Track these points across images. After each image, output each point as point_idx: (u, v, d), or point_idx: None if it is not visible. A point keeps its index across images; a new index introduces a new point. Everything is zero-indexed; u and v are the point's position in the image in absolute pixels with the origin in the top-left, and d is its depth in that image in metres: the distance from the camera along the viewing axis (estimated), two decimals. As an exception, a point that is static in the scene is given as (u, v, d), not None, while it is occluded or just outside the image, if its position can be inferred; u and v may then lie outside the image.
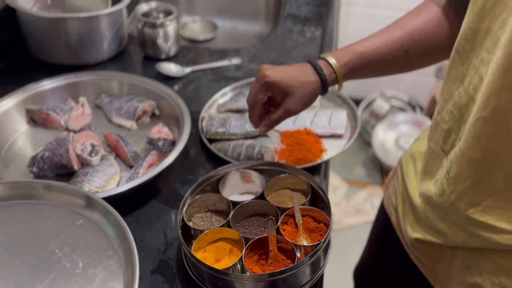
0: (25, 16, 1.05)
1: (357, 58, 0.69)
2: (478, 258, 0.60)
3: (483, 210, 0.55)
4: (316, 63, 0.69)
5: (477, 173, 0.54)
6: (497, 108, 0.49)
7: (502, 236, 0.55)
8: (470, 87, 0.54)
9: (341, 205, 2.05)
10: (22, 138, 0.89)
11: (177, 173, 0.84)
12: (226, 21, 1.75)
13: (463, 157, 0.55)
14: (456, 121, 0.57)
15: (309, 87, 0.68)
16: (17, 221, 0.56)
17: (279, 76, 0.67)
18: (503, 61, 0.47)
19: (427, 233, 0.67)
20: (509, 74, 0.47)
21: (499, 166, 0.52)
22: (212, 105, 0.99)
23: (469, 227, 0.58)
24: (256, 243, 0.65)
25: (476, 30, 0.53)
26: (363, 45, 0.69)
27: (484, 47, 0.51)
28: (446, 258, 0.66)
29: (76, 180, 0.77)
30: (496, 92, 0.48)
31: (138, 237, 0.73)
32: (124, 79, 0.98)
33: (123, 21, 1.13)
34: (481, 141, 0.52)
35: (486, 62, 0.51)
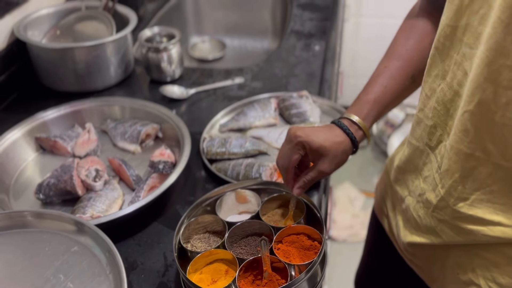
0: (34, 48, 1.09)
1: (373, 106, 0.71)
2: (470, 255, 0.60)
3: (472, 203, 0.56)
4: (341, 123, 0.70)
5: (464, 167, 0.55)
6: (482, 101, 0.50)
7: (491, 228, 0.55)
8: (454, 82, 0.55)
9: (359, 217, 2.03)
10: (31, 165, 0.93)
11: (179, 195, 0.86)
12: (234, 40, 1.78)
13: (452, 151, 0.56)
14: (442, 116, 0.59)
15: (340, 147, 0.69)
16: (15, 250, 0.58)
17: (310, 136, 0.67)
18: (486, 54, 0.48)
19: (417, 235, 0.68)
20: (492, 67, 0.48)
21: (486, 159, 0.53)
22: (214, 126, 1.01)
23: (457, 222, 0.59)
24: (251, 264, 0.66)
25: (454, 27, 0.55)
26: (372, 92, 0.71)
27: (465, 42, 0.53)
28: (439, 259, 0.66)
29: (80, 205, 0.80)
30: (480, 86, 0.50)
31: (139, 259, 0.75)
32: (126, 104, 1.00)
33: (128, 47, 1.17)
34: (467, 134, 0.53)
35: (469, 57, 0.52)
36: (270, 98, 1.04)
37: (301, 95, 1.02)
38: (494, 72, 0.48)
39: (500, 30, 0.46)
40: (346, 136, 0.69)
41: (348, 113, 0.71)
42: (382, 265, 0.92)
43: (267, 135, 0.96)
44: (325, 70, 1.19)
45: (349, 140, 0.69)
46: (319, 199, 0.83)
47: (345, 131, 0.69)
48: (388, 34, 1.29)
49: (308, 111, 0.98)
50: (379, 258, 0.94)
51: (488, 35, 0.48)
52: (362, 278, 1.05)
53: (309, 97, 1.03)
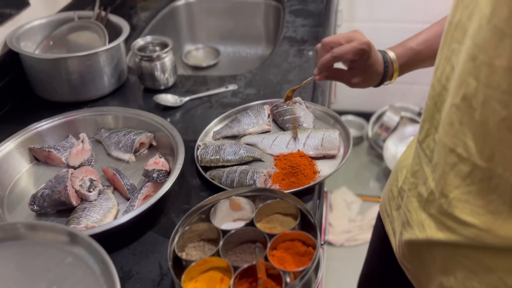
0: (27, 59, 1.10)
1: (408, 51, 0.83)
2: (452, 262, 0.61)
3: (450, 202, 0.57)
4: (383, 52, 0.85)
5: (447, 161, 0.56)
6: (466, 95, 0.51)
7: (466, 228, 0.56)
8: (443, 77, 0.57)
9: (355, 221, 2.03)
10: (25, 177, 0.93)
11: (173, 203, 0.86)
12: (228, 47, 1.79)
13: (440, 144, 0.57)
14: (430, 110, 0.60)
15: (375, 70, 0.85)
16: (8, 262, 0.58)
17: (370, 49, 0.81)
18: (471, 50, 0.49)
19: (408, 232, 0.68)
20: (475, 63, 0.49)
21: (466, 157, 0.53)
22: (208, 133, 1.01)
23: (440, 217, 0.60)
24: (246, 271, 0.66)
25: (450, 23, 0.56)
26: (414, 41, 0.83)
27: (455, 38, 0.55)
28: (426, 262, 0.67)
29: (74, 216, 0.79)
30: (465, 80, 0.51)
31: (134, 269, 0.74)
32: (120, 113, 1.01)
33: (122, 56, 1.17)
34: (452, 128, 0.54)
35: (456, 52, 0.54)
36: (264, 105, 1.05)
37: (294, 102, 1.03)
38: (476, 67, 0.49)
39: (484, 25, 0.47)
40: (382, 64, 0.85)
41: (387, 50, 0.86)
42: (385, 269, 0.92)
43: (261, 141, 0.97)
44: (318, 75, 1.20)
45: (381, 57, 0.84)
46: (314, 205, 0.83)
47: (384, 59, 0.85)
48: (381, 38, 1.30)
49: (301, 117, 0.98)
50: (381, 262, 0.94)
51: (474, 30, 0.49)
52: (365, 281, 1.05)
53: (302, 103, 1.03)
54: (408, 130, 2.23)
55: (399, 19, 2.11)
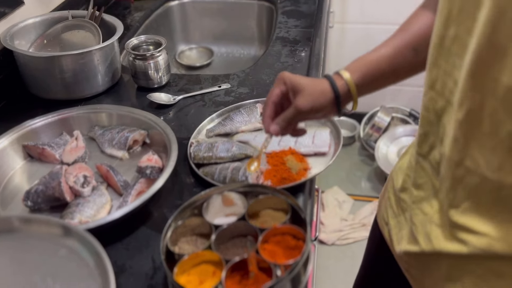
0: (21, 57, 1.10)
1: (364, 65, 0.73)
2: (460, 269, 0.61)
3: (463, 212, 0.57)
4: (327, 74, 0.74)
5: (455, 175, 0.56)
6: (471, 110, 0.51)
7: (478, 238, 0.56)
8: (446, 91, 0.57)
9: (347, 220, 2.05)
10: (19, 173, 0.93)
11: (166, 199, 0.87)
12: (221, 47, 1.80)
13: (445, 158, 0.57)
14: (433, 124, 0.60)
15: (318, 87, 0.72)
16: (3, 255, 0.59)
17: (293, 74, 0.73)
18: (472, 66, 0.50)
19: (413, 243, 0.68)
20: (478, 78, 0.49)
21: (474, 169, 0.53)
22: (201, 131, 1.02)
23: (449, 229, 0.59)
24: (238, 264, 0.67)
25: (442, 37, 0.56)
26: (368, 54, 0.74)
27: (454, 52, 0.54)
28: (431, 270, 0.67)
29: (68, 211, 0.80)
30: (468, 95, 0.51)
31: (127, 263, 0.75)
32: (113, 110, 1.02)
33: (115, 55, 1.18)
34: (458, 143, 0.54)
35: (458, 66, 0.54)
36: (256, 104, 1.06)
37: (286, 100, 1.04)
38: (479, 82, 0.49)
39: (483, 43, 0.48)
40: (326, 81, 0.72)
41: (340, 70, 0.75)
42: (381, 273, 0.93)
43: (254, 139, 0.98)
44: (310, 75, 1.22)
45: (329, 84, 0.72)
46: (305, 200, 0.85)
47: (328, 79, 0.73)
48: (373, 39, 1.32)
49: (293, 115, 1.00)
50: (378, 266, 0.94)
51: (475, 46, 0.49)
52: (361, 285, 1.06)
53: (294, 102, 1.04)
54: (399, 131, 2.26)
55: (391, 21, 2.13)
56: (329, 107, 0.73)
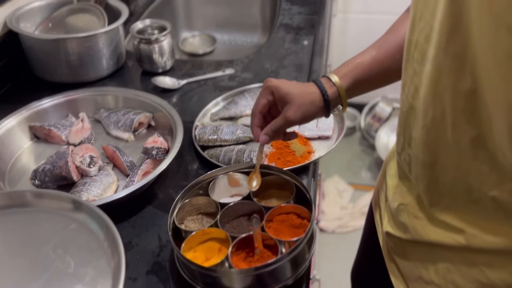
0: (27, 39, 1.11)
1: (354, 68, 0.71)
2: (434, 255, 0.62)
3: (442, 209, 0.57)
4: (317, 79, 0.72)
5: (430, 177, 0.56)
6: (435, 118, 0.51)
7: (457, 234, 0.57)
8: (410, 96, 0.56)
9: (347, 208, 2.07)
10: (26, 153, 0.95)
11: (172, 180, 0.88)
12: (224, 34, 1.80)
13: (417, 161, 0.57)
14: (402, 125, 0.60)
15: (308, 97, 0.69)
16: (14, 228, 0.60)
17: (280, 82, 0.70)
18: (432, 74, 0.49)
19: (394, 229, 0.69)
20: (438, 87, 0.49)
21: (446, 171, 0.54)
22: (205, 114, 1.03)
23: (429, 222, 0.60)
24: (243, 241, 0.69)
25: (409, 41, 0.55)
26: (359, 56, 0.72)
27: (415, 58, 0.54)
28: (408, 254, 0.67)
29: (75, 190, 0.82)
30: (431, 103, 0.51)
31: (134, 240, 0.77)
32: (119, 93, 1.03)
33: (120, 39, 1.19)
34: (427, 147, 0.54)
35: (418, 73, 0.53)
36: (260, 88, 1.07)
37: (290, 85, 1.05)
38: (439, 91, 0.49)
39: (440, 52, 0.47)
40: (317, 88, 0.70)
41: (329, 73, 0.72)
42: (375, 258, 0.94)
43: (258, 123, 0.99)
44: (313, 61, 1.23)
45: (319, 93, 0.69)
46: (308, 182, 0.86)
47: (317, 84, 0.70)
48: (376, 29, 1.32)
49: (297, 100, 1.01)
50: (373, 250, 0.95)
51: (431, 55, 0.49)
52: (357, 269, 1.07)
53: (298, 87, 1.05)
54: (400, 121, 2.27)
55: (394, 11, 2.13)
56: (319, 114, 0.71)
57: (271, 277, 0.64)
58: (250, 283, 0.63)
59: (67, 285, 0.54)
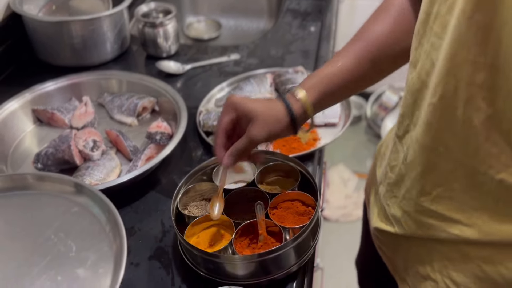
0: (30, 22, 1.09)
1: (321, 80, 0.66)
2: (429, 249, 0.60)
3: (433, 199, 0.55)
4: (282, 94, 0.67)
5: (427, 161, 0.54)
6: (444, 95, 0.49)
7: (450, 225, 0.55)
8: (423, 72, 0.53)
9: (351, 197, 2.06)
10: (28, 137, 0.94)
11: (175, 166, 0.87)
12: (230, 20, 1.77)
13: (417, 143, 0.55)
14: (409, 106, 0.57)
15: (273, 113, 0.64)
16: (16, 210, 0.60)
17: (243, 99, 0.65)
18: (450, 46, 0.47)
19: (384, 222, 0.67)
20: (455, 60, 0.46)
21: (447, 155, 0.51)
22: (210, 100, 1.02)
23: (419, 216, 0.58)
24: (247, 228, 0.68)
25: (428, 14, 0.52)
26: (324, 68, 0.67)
27: (434, 31, 0.51)
28: (402, 250, 0.66)
29: (78, 174, 0.81)
30: (443, 79, 0.48)
31: (136, 226, 0.76)
32: (123, 77, 1.01)
33: (125, 22, 1.17)
34: (431, 128, 0.52)
35: (436, 47, 0.50)
36: (266, 74, 1.06)
37: (296, 71, 1.03)
38: (456, 65, 0.47)
39: (463, 22, 0.44)
40: (281, 104, 0.65)
41: (295, 87, 0.67)
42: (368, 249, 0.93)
43: (263, 109, 0.98)
44: (320, 47, 1.21)
45: (284, 108, 0.64)
46: (314, 169, 0.85)
47: (282, 99, 0.65)
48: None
49: (303, 86, 0.99)
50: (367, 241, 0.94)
51: (453, 26, 0.46)
52: (360, 259, 1.07)
53: (304, 73, 1.04)
54: (407, 110, 2.25)
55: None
56: (286, 131, 0.66)
57: (274, 264, 0.63)
58: (253, 269, 0.63)
59: (69, 269, 0.53)
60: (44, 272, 0.53)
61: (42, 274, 0.53)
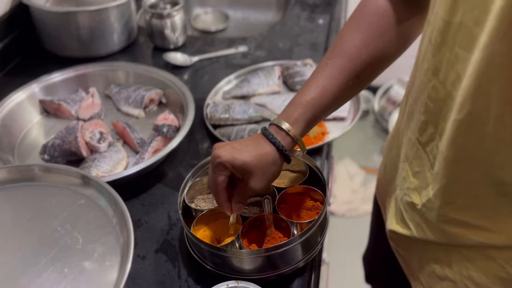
0: (37, 12, 1.09)
1: (306, 110, 0.63)
2: (448, 250, 0.59)
3: (458, 208, 0.54)
4: (267, 131, 0.63)
5: (452, 174, 0.53)
6: (472, 111, 0.47)
7: (476, 232, 0.54)
8: (448, 83, 0.51)
9: (358, 192, 2.05)
10: (35, 128, 0.93)
11: (182, 158, 0.87)
12: (237, 11, 1.76)
13: (442, 156, 0.53)
14: (434, 115, 0.55)
15: (266, 160, 0.61)
16: (23, 202, 0.59)
17: (231, 154, 0.60)
18: (481, 64, 0.44)
19: (401, 226, 0.66)
20: (486, 77, 0.45)
21: (473, 167, 0.50)
22: (217, 92, 1.01)
23: (442, 225, 0.57)
24: (254, 222, 0.67)
25: (448, 22, 0.49)
26: (307, 93, 0.63)
27: (459, 42, 0.48)
28: (418, 251, 0.65)
29: (84, 165, 0.80)
30: (472, 96, 0.46)
31: (143, 218, 0.76)
32: (130, 69, 1.01)
33: (132, 13, 1.16)
34: (455, 142, 0.50)
35: (462, 59, 0.48)
36: (274, 66, 1.04)
37: (305, 63, 1.02)
38: (487, 82, 0.45)
39: (496, 41, 0.42)
40: (272, 146, 0.62)
41: (277, 119, 0.64)
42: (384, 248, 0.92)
43: (271, 102, 0.97)
44: (329, 40, 1.19)
45: (275, 150, 0.62)
46: (322, 163, 0.84)
47: (270, 140, 0.62)
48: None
49: (312, 79, 0.98)
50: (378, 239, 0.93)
51: (484, 43, 0.43)
52: (368, 256, 1.06)
53: (313, 65, 1.03)
54: (415, 104, 2.22)
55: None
56: (281, 167, 0.64)
57: (282, 259, 0.62)
58: (260, 264, 0.62)
59: (75, 261, 0.53)
60: (51, 264, 0.53)
61: (49, 266, 0.52)
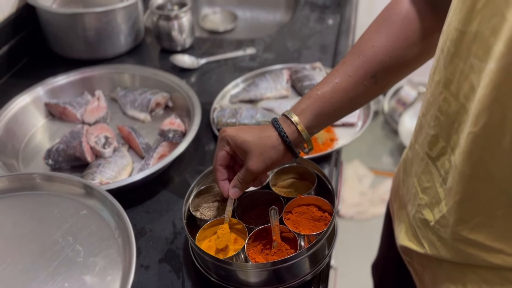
0: (44, 13, 1.08)
1: (314, 102, 0.63)
2: (463, 269, 0.57)
3: (473, 227, 0.52)
4: (275, 119, 0.64)
5: (467, 189, 0.50)
6: (489, 124, 0.45)
7: (491, 254, 0.52)
8: (461, 95, 0.49)
9: (366, 194, 2.02)
10: (40, 131, 0.93)
11: (188, 164, 0.85)
12: (246, 11, 1.74)
13: (456, 170, 0.51)
14: (445, 128, 0.53)
15: (267, 142, 0.62)
16: (24, 211, 0.58)
17: (235, 131, 0.63)
18: (497, 75, 0.43)
19: (414, 243, 0.64)
20: (503, 89, 0.43)
21: (490, 182, 0.48)
22: (224, 96, 1.00)
23: (456, 244, 0.55)
24: (260, 233, 0.65)
25: (463, 32, 0.48)
26: (319, 87, 0.64)
27: (474, 52, 0.47)
28: (431, 267, 0.63)
29: (89, 171, 0.79)
30: (488, 108, 0.44)
31: (147, 226, 0.74)
32: (136, 72, 0.99)
33: (139, 15, 1.15)
34: (471, 156, 0.48)
35: (477, 70, 0.46)
36: (283, 70, 1.03)
37: (314, 67, 1.00)
38: (504, 94, 0.43)
39: None
40: (275, 131, 0.63)
41: (287, 110, 0.65)
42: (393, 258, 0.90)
43: (279, 106, 0.95)
44: (339, 42, 1.17)
45: (277, 135, 0.62)
46: (330, 171, 0.82)
47: (274, 126, 0.63)
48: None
49: (321, 83, 0.96)
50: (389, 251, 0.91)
51: (500, 53, 0.42)
52: (378, 265, 1.04)
53: (322, 69, 1.00)
54: (425, 106, 2.19)
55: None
56: (283, 158, 0.64)
57: (288, 273, 0.61)
58: (266, 277, 0.61)
59: (76, 275, 0.52)
60: (51, 278, 0.51)
61: (49, 280, 0.51)
